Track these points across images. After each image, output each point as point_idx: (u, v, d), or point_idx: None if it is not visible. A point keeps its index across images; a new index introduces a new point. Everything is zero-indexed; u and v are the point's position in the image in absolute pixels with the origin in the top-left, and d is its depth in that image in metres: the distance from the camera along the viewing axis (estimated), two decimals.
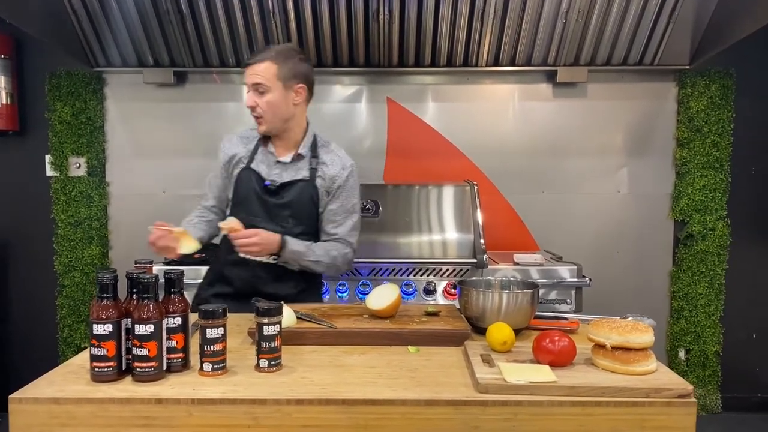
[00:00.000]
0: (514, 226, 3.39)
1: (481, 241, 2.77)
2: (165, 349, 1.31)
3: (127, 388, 1.25)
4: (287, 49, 2.04)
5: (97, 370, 1.28)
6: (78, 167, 3.40)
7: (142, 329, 1.26)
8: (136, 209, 3.38)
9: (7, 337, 3.49)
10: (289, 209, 2.04)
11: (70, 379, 1.30)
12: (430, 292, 2.68)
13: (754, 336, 3.47)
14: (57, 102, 3.36)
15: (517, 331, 1.55)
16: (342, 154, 2.14)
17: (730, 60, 3.28)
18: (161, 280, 1.34)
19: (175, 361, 1.33)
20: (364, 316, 1.70)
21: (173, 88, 3.36)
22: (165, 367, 1.31)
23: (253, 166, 2.09)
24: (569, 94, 3.37)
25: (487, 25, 3.02)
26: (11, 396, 1.20)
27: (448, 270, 2.74)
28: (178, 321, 1.34)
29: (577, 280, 2.75)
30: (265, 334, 1.34)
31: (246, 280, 2.04)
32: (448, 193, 3.01)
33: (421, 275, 2.73)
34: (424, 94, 3.39)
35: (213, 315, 1.32)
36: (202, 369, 1.32)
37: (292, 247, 1.97)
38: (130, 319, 1.29)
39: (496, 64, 3.24)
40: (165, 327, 1.31)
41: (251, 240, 1.88)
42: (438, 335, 1.56)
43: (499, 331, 1.44)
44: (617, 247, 3.41)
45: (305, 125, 2.12)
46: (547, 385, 1.22)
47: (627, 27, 3.05)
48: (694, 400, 1.20)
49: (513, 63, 3.24)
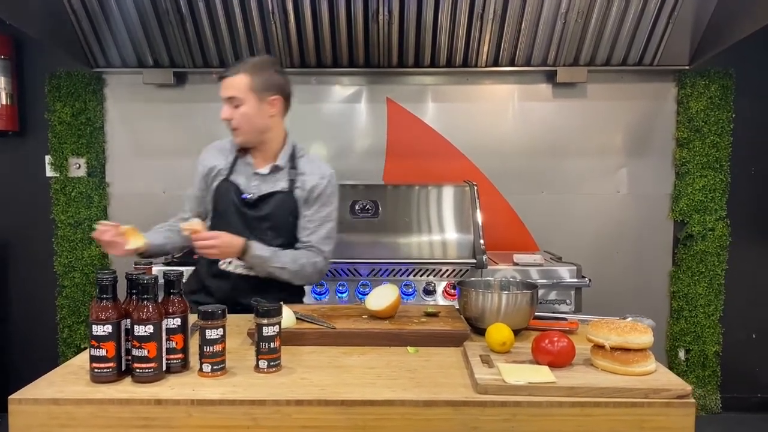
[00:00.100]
0: (513, 227, 3.39)
1: (481, 241, 2.78)
2: (164, 350, 1.31)
3: (126, 388, 1.26)
4: (261, 61, 2.04)
5: (96, 370, 1.28)
6: (78, 168, 3.40)
7: (141, 330, 1.27)
8: (136, 210, 3.38)
9: (7, 338, 3.49)
10: (267, 221, 2.02)
11: (69, 380, 1.30)
12: (429, 292, 2.68)
13: (754, 336, 3.47)
14: (57, 102, 3.36)
15: (517, 332, 1.55)
16: (321, 163, 2.13)
17: (729, 60, 3.28)
18: (161, 281, 1.34)
19: (175, 361, 1.34)
20: (364, 317, 1.70)
21: (173, 88, 3.36)
22: (164, 368, 1.31)
23: (231, 178, 2.07)
24: (569, 94, 3.37)
25: (487, 26, 3.02)
26: (11, 397, 1.20)
27: (447, 270, 2.74)
28: (178, 322, 1.34)
29: (576, 280, 2.75)
30: (264, 334, 1.34)
31: (226, 292, 2.02)
32: (448, 193, 3.02)
33: (421, 276, 2.74)
34: (423, 94, 3.39)
35: (212, 316, 1.32)
36: (201, 370, 1.32)
37: (256, 251, 1.94)
38: (129, 320, 1.29)
39: (496, 64, 3.25)
40: (164, 328, 1.31)
41: (210, 242, 1.86)
42: (437, 336, 1.57)
43: (498, 332, 1.44)
44: (617, 248, 3.41)
45: (283, 136, 2.10)
46: (546, 386, 1.22)
47: (626, 27, 3.05)
48: (693, 400, 1.20)
49: (512, 63, 3.24)
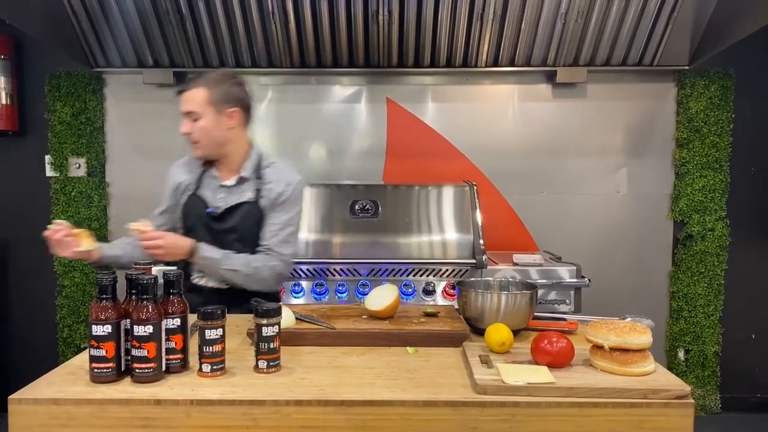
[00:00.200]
0: (513, 227, 3.39)
1: (481, 241, 2.78)
2: (164, 350, 1.31)
3: (126, 389, 1.26)
4: (218, 75, 2.04)
5: (96, 371, 1.28)
6: (78, 168, 3.40)
7: (141, 330, 1.27)
8: (135, 209, 3.36)
9: (7, 338, 3.49)
10: (234, 233, 2.01)
11: (69, 380, 1.30)
12: (429, 292, 2.68)
13: (754, 336, 3.47)
14: (57, 102, 3.36)
15: (516, 332, 1.55)
16: (288, 171, 2.10)
17: (729, 60, 3.28)
18: (160, 281, 1.34)
19: (174, 362, 1.34)
20: (363, 317, 1.70)
21: (173, 88, 3.33)
22: (164, 368, 1.31)
23: (199, 192, 2.07)
24: (568, 94, 3.37)
25: (487, 26, 3.03)
26: (11, 397, 1.20)
27: (447, 270, 2.74)
28: (177, 322, 1.34)
29: (576, 280, 2.75)
30: (263, 335, 1.34)
31: (199, 306, 2.02)
32: (448, 193, 3.02)
33: (421, 276, 2.74)
34: (423, 94, 3.39)
35: (212, 316, 1.32)
36: (201, 370, 1.32)
37: (206, 253, 1.92)
38: (129, 320, 1.29)
39: (496, 64, 3.25)
40: (164, 328, 1.31)
41: (156, 242, 1.85)
42: (437, 336, 1.57)
43: (498, 332, 1.44)
44: (616, 248, 3.41)
45: (246, 147, 2.09)
46: (545, 386, 1.22)
47: (626, 27, 3.06)
48: (692, 401, 1.20)
49: (512, 63, 3.24)
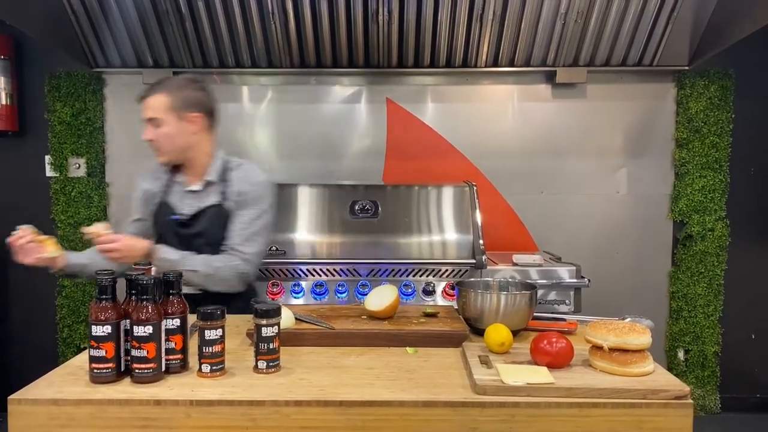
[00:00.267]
0: (513, 227, 3.40)
1: (480, 241, 2.78)
2: (164, 350, 1.31)
3: (125, 389, 1.26)
4: (180, 80, 2.04)
5: (96, 371, 1.28)
6: (78, 168, 3.41)
7: (140, 331, 1.27)
8: None
9: (7, 338, 3.49)
10: (203, 237, 2.01)
11: (69, 381, 1.30)
12: (429, 292, 2.68)
13: (753, 336, 3.47)
14: (57, 103, 3.36)
15: (516, 332, 1.56)
16: (254, 172, 2.09)
17: (729, 61, 3.28)
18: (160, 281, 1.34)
19: (174, 362, 1.34)
20: (363, 317, 1.70)
21: None
22: (164, 369, 1.31)
23: (167, 199, 2.08)
24: (568, 94, 3.37)
25: (486, 26, 3.03)
26: (10, 397, 1.20)
27: (447, 271, 2.74)
28: (177, 322, 1.34)
29: (576, 280, 2.75)
30: (263, 335, 1.35)
31: None
32: (448, 193, 3.02)
33: (420, 276, 2.74)
34: (423, 94, 3.39)
35: (212, 316, 1.32)
36: (200, 370, 1.32)
37: (164, 255, 1.91)
38: (128, 321, 1.29)
39: (495, 64, 3.25)
40: (164, 328, 1.31)
41: (111, 246, 1.84)
42: (436, 336, 1.57)
43: (497, 333, 1.44)
44: (616, 248, 3.41)
45: (211, 151, 2.08)
46: (544, 387, 1.22)
47: (626, 28, 3.06)
48: (691, 401, 1.20)
49: (512, 64, 3.24)
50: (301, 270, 2.73)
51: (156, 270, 1.91)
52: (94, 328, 1.27)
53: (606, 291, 3.12)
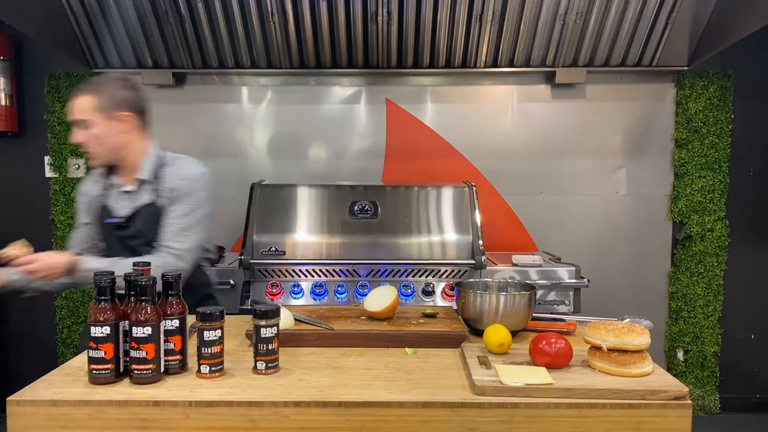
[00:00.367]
0: (512, 227, 3.40)
1: (480, 242, 2.78)
2: (162, 351, 1.31)
3: (124, 390, 1.26)
4: (106, 80, 2.02)
5: (95, 372, 1.28)
6: (77, 168, 3.41)
7: (139, 331, 1.27)
8: None
9: (7, 339, 3.49)
10: (141, 238, 1.98)
11: (68, 382, 1.31)
12: (428, 293, 2.68)
13: (753, 337, 3.47)
14: (56, 103, 3.36)
15: (515, 333, 1.56)
16: (189, 166, 2.03)
17: (728, 61, 3.28)
18: (159, 282, 1.34)
19: (173, 363, 1.34)
20: (362, 318, 1.71)
21: (172, 89, 3.36)
22: (162, 370, 1.31)
23: (107, 202, 2.06)
24: (568, 95, 3.37)
25: (486, 27, 3.03)
26: (9, 398, 1.21)
27: (446, 271, 2.74)
28: (176, 323, 1.34)
29: (575, 281, 2.75)
30: (262, 336, 1.35)
31: None
32: (447, 194, 3.02)
33: (420, 276, 2.74)
34: (422, 95, 3.39)
35: (211, 317, 1.32)
36: (199, 371, 1.33)
37: (87, 265, 1.86)
38: (127, 322, 1.29)
39: (495, 65, 3.25)
40: (162, 329, 1.31)
41: (30, 267, 1.80)
42: (435, 337, 1.57)
43: (496, 333, 1.45)
44: (616, 248, 3.41)
45: (144, 150, 2.04)
46: (543, 388, 1.22)
47: (625, 28, 3.06)
48: (690, 402, 1.21)
49: (511, 64, 3.24)
50: (300, 270, 2.73)
51: (80, 282, 1.87)
52: (93, 328, 1.27)
53: (605, 291, 3.12)
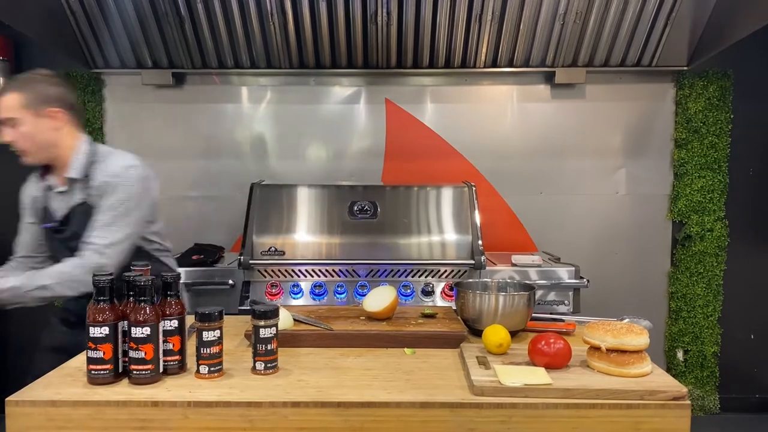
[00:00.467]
0: (512, 228, 3.40)
1: (479, 242, 2.78)
2: (161, 351, 1.31)
3: (123, 390, 1.26)
4: (32, 75, 1.96)
5: (93, 372, 1.28)
6: None
7: (138, 332, 1.27)
8: None
9: (6, 339, 3.49)
10: (77, 240, 1.89)
11: (67, 382, 1.31)
12: (428, 293, 2.68)
13: (753, 337, 3.47)
14: None
15: (514, 333, 1.56)
16: (116, 162, 1.94)
17: (728, 61, 3.28)
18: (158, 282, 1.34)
19: (172, 363, 1.34)
20: (361, 318, 1.71)
21: (172, 89, 3.36)
22: (161, 370, 1.31)
23: (46, 204, 2.01)
24: (567, 95, 3.37)
25: (485, 27, 3.03)
26: (8, 399, 1.21)
27: (446, 271, 2.74)
28: (175, 324, 1.34)
29: (575, 281, 2.75)
30: (261, 336, 1.35)
31: (58, 331, 2.07)
32: (447, 194, 3.02)
33: (419, 277, 2.74)
34: (422, 95, 3.39)
35: (210, 318, 1.32)
36: (198, 371, 1.33)
37: (5, 285, 1.80)
38: (126, 322, 1.29)
39: (494, 65, 3.25)
40: (161, 330, 1.31)
41: None
42: (434, 337, 1.57)
43: (495, 334, 1.45)
44: (615, 248, 3.41)
45: (76, 147, 1.96)
46: (542, 388, 1.22)
47: (625, 28, 3.06)
48: (689, 402, 1.21)
49: (511, 64, 3.24)
50: (299, 271, 2.73)
51: (5, 302, 1.83)
52: (91, 329, 1.27)
53: (605, 291, 3.12)
